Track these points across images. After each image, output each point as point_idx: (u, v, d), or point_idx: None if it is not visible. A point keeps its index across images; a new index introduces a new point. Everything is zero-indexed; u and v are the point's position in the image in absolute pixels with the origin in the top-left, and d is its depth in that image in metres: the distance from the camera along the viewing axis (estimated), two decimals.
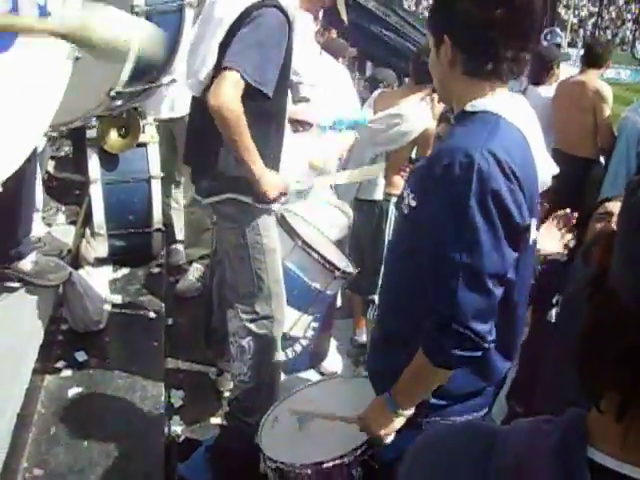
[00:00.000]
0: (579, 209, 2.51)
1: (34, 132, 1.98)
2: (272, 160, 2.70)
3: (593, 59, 5.58)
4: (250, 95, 2.52)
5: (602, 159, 5.62)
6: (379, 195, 4.08)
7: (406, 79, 5.30)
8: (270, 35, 2.54)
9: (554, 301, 2.46)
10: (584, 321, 0.75)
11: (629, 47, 27.13)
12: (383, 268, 2.09)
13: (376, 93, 4.30)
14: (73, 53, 1.98)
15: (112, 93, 2.20)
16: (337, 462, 1.91)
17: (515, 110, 1.70)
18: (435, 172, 1.61)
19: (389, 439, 1.83)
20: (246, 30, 2.50)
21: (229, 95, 2.46)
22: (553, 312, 2.44)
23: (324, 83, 3.66)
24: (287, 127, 2.92)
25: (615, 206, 2.48)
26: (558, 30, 8.24)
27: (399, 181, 3.95)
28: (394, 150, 4.01)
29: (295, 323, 3.19)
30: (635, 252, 0.68)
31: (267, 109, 2.64)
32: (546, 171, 2.54)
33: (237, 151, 2.57)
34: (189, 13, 2.38)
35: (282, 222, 3.05)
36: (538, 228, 1.90)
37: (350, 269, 3.29)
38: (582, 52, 6.25)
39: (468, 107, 1.68)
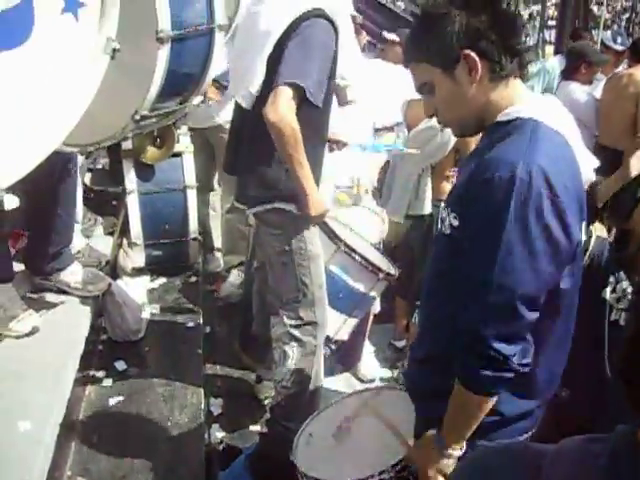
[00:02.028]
0: (619, 204, 2.46)
1: (54, 136, 1.89)
2: (315, 169, 2.71)
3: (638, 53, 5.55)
4: (298, 107, 2.54)
5: None
6: (428, 209, 4.03)
7: None
8: (319, 47, 2.55)
9: (610, 280, 2.40)
10: (629, 330, 0.73)
11: None
12: (423, 286, 1.98)
13: (405, 103, 4.23)
14: (110, 45, 1.90)
15: (137, 116, 2.16)
16: (377, 478, 1.84)
17: (549, 111, 1.64)
18: (474, 187, 1.55)
19: None
20: (294, 43, 2.52)
21: (287, 110, 2.49)
22: (607, 290, 2.38)
23: (371, 86, 3.68)
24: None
25: None
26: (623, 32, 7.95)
27: (447, 187, 3.91)
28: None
29: (341, 327, 3.19)
30: None
31: (313, 119, 2.65)
32: (588, 167, 2.50)
33: (291, 165, 2.59)
34: (220, 36, 2.38)
35: (323, 226, 3.05)
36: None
37: (392, 271, 3.28)
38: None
39: (501, 117, 1.62)
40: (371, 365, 4.11)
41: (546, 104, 1.67)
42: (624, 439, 0.73)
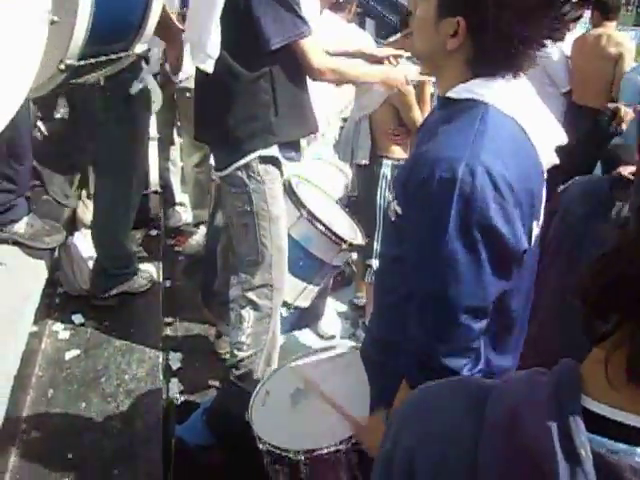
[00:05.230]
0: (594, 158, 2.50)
1: (11, 101, 1.90)
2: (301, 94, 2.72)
3: (608, 11, 5.63)
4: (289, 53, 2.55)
5: None
6: (365, 160, 4.02)
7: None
8: None
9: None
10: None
11: (634, 7, 26.74)
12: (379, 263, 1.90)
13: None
14: (48, 17, 1.86)
15: (62, 66, 2.05)
16: (334, 449, 1.81)
17: (506, 91, 1.43)
18: (412, 184, 1.38)
19: None
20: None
21: (321, 61, 2.58)
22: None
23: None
24: None
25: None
26: None
27: (389, 145, 3.90)
28: (374, 113, 3.92)
29: (300, 293, 3.17)
30: None
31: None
32: (551, 150, 2.41)
33: (364, 80, 2.90)
34: None
35: (289, 191, 3.00)
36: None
37: (359, 241, 3.23)
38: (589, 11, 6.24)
39: (452, 93, 1.44)
40: (332, 322, 4.13)
41: (502, 81, 1.44)
42: (567, 369, 0.75)
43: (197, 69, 2.74)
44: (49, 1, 1.83)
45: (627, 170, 2.36)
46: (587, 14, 6.12)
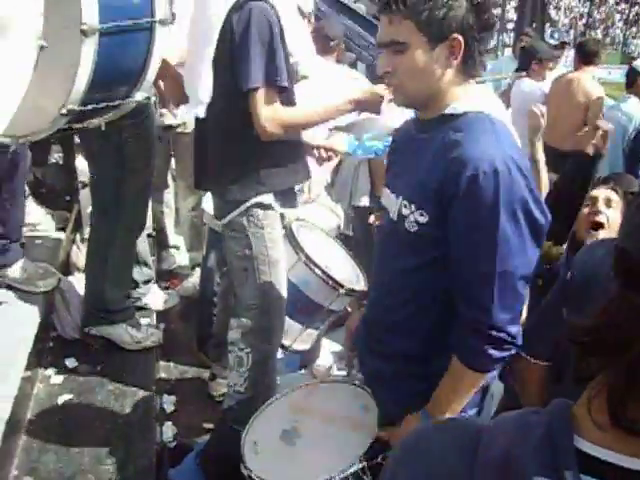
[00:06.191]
0: (571, 202, 2.53)
1: None
2: (293, 143, 2.67)
3: (587, 56, 5.71)
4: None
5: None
6: (365, 202, 4.05)
7: None
8: (264, 32, 2.47)
9: None
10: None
11: (619, 47, 27.24)
12: (373, 287, 2.13)
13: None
14: (38, 42, 1.94)
15: (63, 110, 2.10)
16: (351, 471, 1.80)
17: (490, 103, 1.74)
18: (457, 184, 1.60)
19: None
20: (242, 42, 2.41)
21: (271, 116, 2.44)
22: None
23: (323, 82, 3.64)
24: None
25: (598, 192, 2.57)
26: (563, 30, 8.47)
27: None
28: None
29: (298, 337, 3.15)
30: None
31: (287, 100, 2.58)
32: None
33: (322, 121, 2.66)
34: (162, 31, 2.32)
35: (289, 235, 3.00)
36: None
37: (359, 287, 3.16)
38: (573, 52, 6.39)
39: (450, 110, 1.70)
40: (327, 363, 4.10)
41: (485, 94, 1.77)
42: (560, 409, 0.75)
43: (196, 118, 2.77)
44: None
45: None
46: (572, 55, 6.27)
